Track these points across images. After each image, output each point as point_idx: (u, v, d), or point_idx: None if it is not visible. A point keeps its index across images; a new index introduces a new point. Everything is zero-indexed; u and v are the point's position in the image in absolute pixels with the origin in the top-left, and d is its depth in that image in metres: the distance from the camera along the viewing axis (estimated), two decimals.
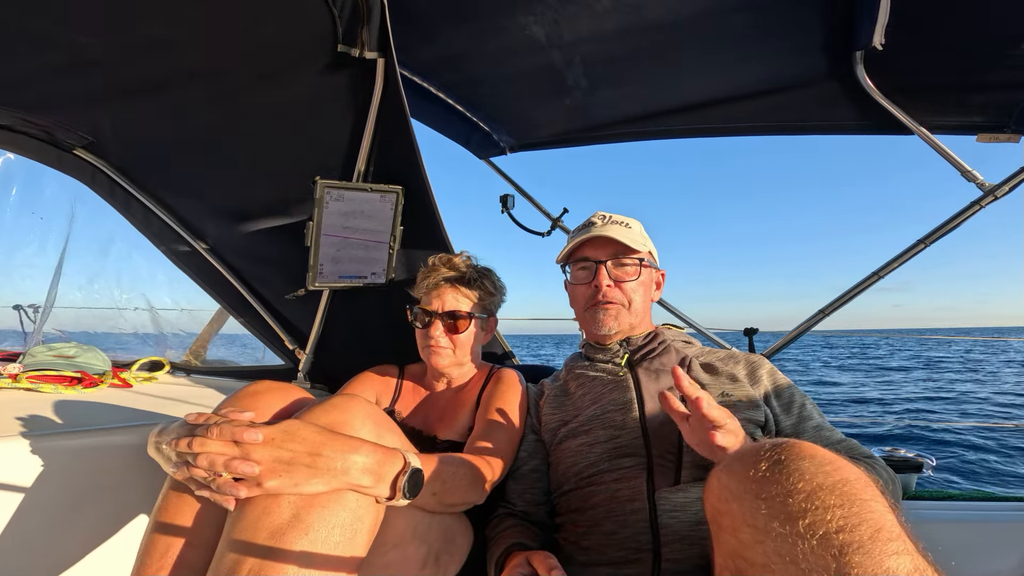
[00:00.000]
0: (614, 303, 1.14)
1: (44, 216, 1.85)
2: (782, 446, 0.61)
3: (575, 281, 1.21)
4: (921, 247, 1.49)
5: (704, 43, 1.41)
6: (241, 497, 0.69)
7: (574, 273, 1.21)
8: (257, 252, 1.65)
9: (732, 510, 0.60)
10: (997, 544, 1.34)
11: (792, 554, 0.52)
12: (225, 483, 0.69)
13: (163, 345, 1.99)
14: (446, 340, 1.21)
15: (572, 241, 1.20)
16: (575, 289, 1.21)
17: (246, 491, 0.68)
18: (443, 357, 1.22)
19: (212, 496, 0.71)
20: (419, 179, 1.38)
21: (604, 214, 1.23)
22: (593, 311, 1.16)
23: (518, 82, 1.67)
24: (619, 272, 1.16)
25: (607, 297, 1.14)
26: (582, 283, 1.19)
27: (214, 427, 0.69)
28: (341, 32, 1.19)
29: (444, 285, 1.24)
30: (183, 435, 0.71)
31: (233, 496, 0.69)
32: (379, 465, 0.74)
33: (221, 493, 0.70)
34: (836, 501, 0.53)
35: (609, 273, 1.14)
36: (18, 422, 1.05)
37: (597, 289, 1.14)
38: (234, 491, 0.68)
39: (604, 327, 1.15)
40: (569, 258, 1.21)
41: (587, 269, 1.17)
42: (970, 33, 1.23)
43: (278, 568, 0.64)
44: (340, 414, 0.77)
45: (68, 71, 1.24)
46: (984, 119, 1.49)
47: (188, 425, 0.73)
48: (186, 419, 0.74)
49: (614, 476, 0.99)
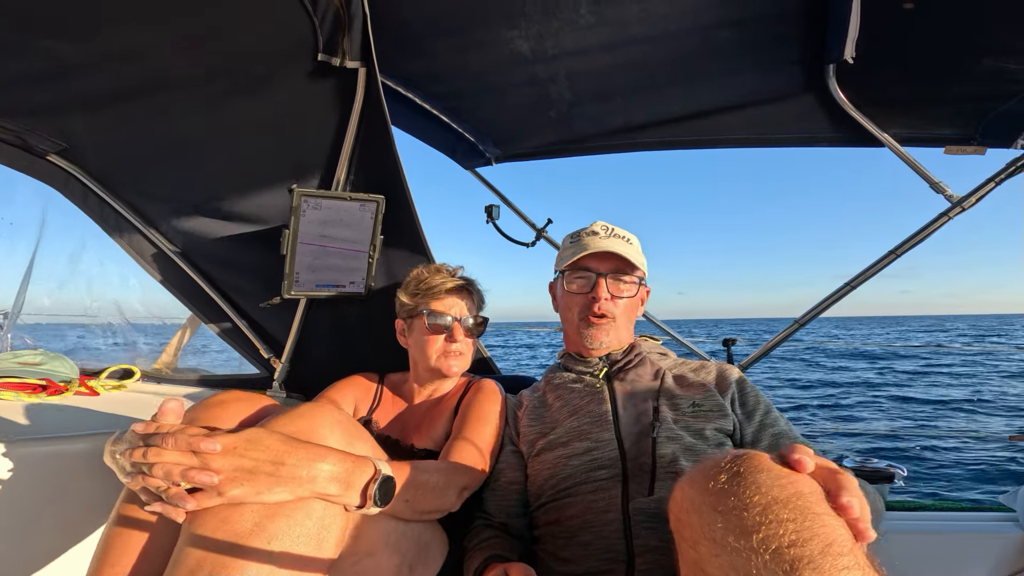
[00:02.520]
0: (607, 317, 1.15)
1: (13, 222, 1.80)
2: (742, 458, 0.61)
3: (572, 290, 1.19)
4: (893, 257, 1.53)
5: (685, 57, 1.44)
6: (189, 509, 0.67)
7: (572, 281, 1.19)
8: (232, 259, 1.62)
9: (692, 522, 0.60)
10: (969, 554, 1.36)
11: (746, 569, 0.52)
12: (176, 494, 0.67)
13: (134, 353, 1.94)
14: (467, 346, 1.25)
15: (578, 251, 1.17)
16: (571, 298, 1.20)
17: (195, 504, 0.66)
18: (462, 363, 1.24)
19: (163, 508, 0.68)
20: (400, 189, 1.38)
21: (606, 225, 1.22)
22: (586, 323, 1.16)
23: (503, 94, 1.69)
24: (617, 287, 1.16)
25: (602, 310, 1.14)
26: (579, 292, 1.18)
27: (169, 436, 0.67)
28: (322, 41, 1.19)
29: (454, 293, 1.25)
30: (136, 444, 0.69)
31: (182, 508, 0.67)
32: (348, 473, 0.73)
33: (172, 504, 0.67)
34: (789, 515, 0.53)
35: (608, 287, 1.15)
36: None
37: (594, 301, 1.14)
38: (183, 503, 0.66)
39: (595, 341, 1.15)
40: (569, 266, 1.19)
41: (586, 279, 1.17)
42: (936, 48, 1.28)
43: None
44: (307, 422, 0.76)
45: (40, 77, 1.22)
46: (951, 132, 1.54)
47: (139, 434, 0.70)
48: (134, 428, 0.72)
49: (590, 488, 0.99)
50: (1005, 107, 1.40)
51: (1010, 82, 1.32)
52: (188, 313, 1.84)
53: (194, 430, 0.69)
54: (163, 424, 0.72)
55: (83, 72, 1.21)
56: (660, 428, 1.02)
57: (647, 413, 1.07)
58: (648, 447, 1.00)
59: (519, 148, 2.04)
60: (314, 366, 1.66)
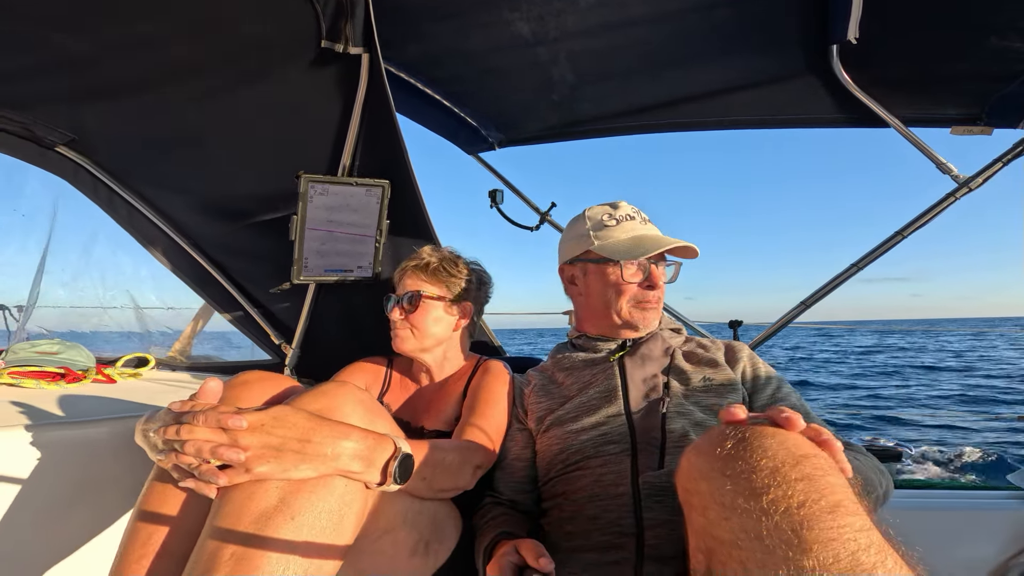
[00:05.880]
0: (658, 303, 1.17)
1: (26, 214, 1.82)
2: (746, 425, 0.62)
3: (631, 279, 1.15)
4: (899, 238, 1.53)
5: (687, 38, 1.43)
6: (221, 485, 0.69)
7: (629, 268, 1.15)
8: (242, 247, 1.64)
9: (701, 489, 0.61)
10: (976, 533, 1.37)
11: (756, 530, 0.53)
12: (208, 470, 0.69)
13: (148, 342, 1.97)
14: (403, 323, 1.23)
15: (633, 242, 1.15)
16: (625, 285, 1.15)
17: (226, 479, 0.68)
18: (403, 340, 1.23)
19: (195, 485, 0.71)
20: (405, 173, 1.38)
21: (634, 208, 1.22)
22: (641, 308, 1.16)
23: (504, 78, 1.68)
24: (662, 273, 1.18)
25: (659, 297, 1.16)
26: (633, 280, 1.15)
27: (200, 414, 0.69)
28: (324, 28, 1.19)
29: (407, 272, 1.26)
30: (169, 423, 0.71)
31: (214, 483, 0.69)
32: (370, 451, 0.75)
33: (204, 480, 0.70)
34: (798, 476, 0.54)
35: (660, 274, 1.17)
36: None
37: (650, 288, 1.15)
38: (215, 478, 0.68)
39: (648, 324, 1.16)
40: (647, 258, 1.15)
41: (641, 267, 1.16)
42: (941, 27, 1.27)
43: (261, 554, 0.64)
44: (330, 400, 0.78)
45: (46, 69, 1.23)
46: (957, 112, 1.52)
47: (173, 413, 0.73)
48: (170, 407, 0.74)
49: (599, 461, 1.00)
50: (1012, 87, 1.38)
51: (1017, 61, 1.30)
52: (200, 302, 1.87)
53: (223, 408, 0.71)
54: (198, 403, 0.74)
55: (89, 63, 1.21)
56: (670, 403, 1.03)
57: (656, 388, 1.07)
58: (658, 422, 1.01)
59: (522, 132, 2.04)
60: (324, 351, 1.68)
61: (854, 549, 0.50)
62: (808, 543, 0.50)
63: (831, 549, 0.50)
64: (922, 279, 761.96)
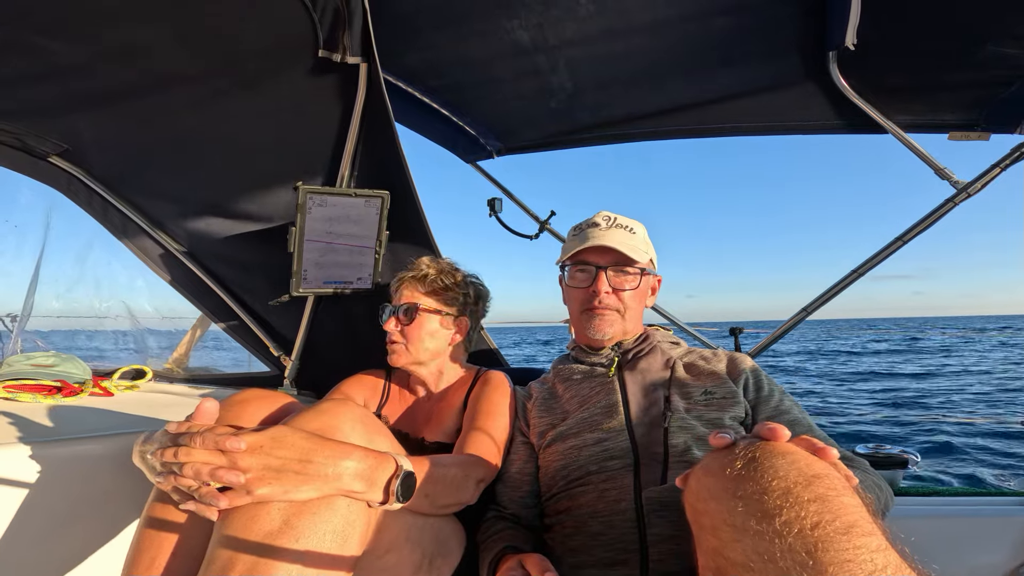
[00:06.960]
0: (609, 310, 1.15)
1: (18, 224, 1.80)
2: (755, 444, 0.61)
3: (573, 284, 1.19)
4: (900, 244, 1.53)
5: (686, 46, 1.43)
6: (221, 508, 0.68)
7: (572, 275, 1.19)
8: (240, 258, 1.63)
9: (711, 509, 0.60)
10: (984, 540, 1.35)
11: (770, 552, 0.52)
12: (208, 493, 0.68)
13: (145, 353, 1.95)
14: (398, 335, 1.21)
15: (575, 245, 1.17)
16: (572, 291, 1.20)
17: (227, 502, 0.67)
18: (397, 356, 1.22)
19: (196, 507, 0.70)
20: (404, 183, 1.37)
21: (609, 215, 1.21)
22: (588, 315, 1.16)
23: (503, 86, 1.68)
24: (619, 280, 1.15)
25: (603, 304, 1.14)
26: (580, 286, 1.18)
27: (197, 436, 0.68)
28: (322, 37, 1.18)
29: (405, 283, 1.25)
30: (166, 444, 0.70)
31: (215, 507, 0.68)
32: (371, 470, 0.74)
33: (204, 503, 0.69)
34: (810, 496, 0.54)
35: (609, 280, 1.14)
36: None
37: (595, 295, 1.14)
38: (215, 501, 0.67)
39: (599, 332, 1.15)
40: (570, 260, 1.19)
41: (586, 273, 1.16)
42: (938, 33, 1.27)
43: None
44: (329, 419, 0.77)
45: (39, 78, 1.21)
46: (955, 117, 1.53)
47: (171, 434, 0.72)
48: (167, 428, 0.73)
49: (602, 477, 1.00)
50: (1009, 92, 1.39)
51: (1014, 67, 1.31)
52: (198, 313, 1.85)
53: (222, 429, 0.70)
54: (194, 424, 0.73)
55: (83, 72, 1.20)
56: (672, 418, 1.03)
57: (658, 403, 1.07)
58: (660, 437, 1.01)
59: (521, 140, 2.03)
60: (323, 362, 1.67)
61: (871, 570, 0.49)
62: (824, 565, 0.49)
63: (847, 571, 0.49)
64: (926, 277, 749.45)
